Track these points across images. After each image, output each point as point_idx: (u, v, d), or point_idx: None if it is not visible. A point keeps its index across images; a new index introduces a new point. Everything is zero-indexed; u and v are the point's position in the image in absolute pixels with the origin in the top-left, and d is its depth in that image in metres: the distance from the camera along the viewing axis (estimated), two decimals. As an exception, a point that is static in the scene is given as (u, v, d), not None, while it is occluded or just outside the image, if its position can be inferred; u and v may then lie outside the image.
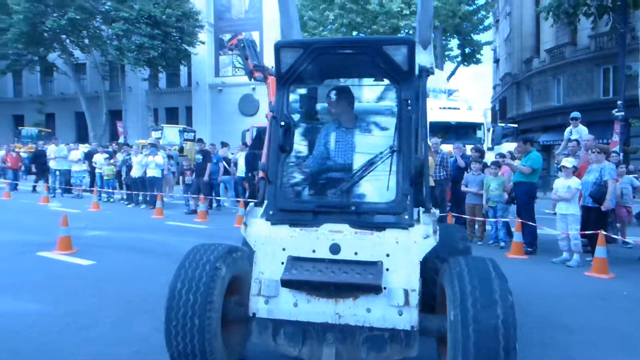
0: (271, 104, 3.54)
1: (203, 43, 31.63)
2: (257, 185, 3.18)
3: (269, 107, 3.13)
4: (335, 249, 2.90)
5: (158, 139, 21.55)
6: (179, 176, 15.12)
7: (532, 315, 4.59)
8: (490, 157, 10.72)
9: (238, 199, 12.85)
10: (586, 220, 6.93)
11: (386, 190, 3.06)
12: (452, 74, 27.64)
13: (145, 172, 12.86)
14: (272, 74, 10.26)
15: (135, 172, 13.05)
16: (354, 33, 25.56)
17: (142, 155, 13.24)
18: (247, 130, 18.46)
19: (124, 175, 14.08)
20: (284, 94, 3.26)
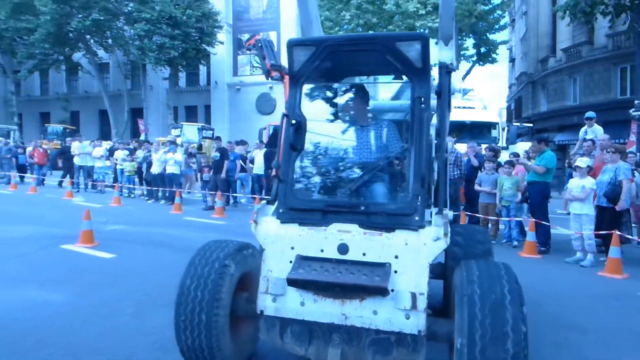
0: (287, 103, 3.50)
1: (222, 43, 31.87)
2: (271, 183, 3.23)
3: (286, 106, 3.14)
4: (343, 249, 2.85)
5: (177, 136, 21.96)
6: (197, 173, 15.38)
7: (545, 315, 4.57)
8: (505, 157, 10.65)
9: (254, 196, 13.05)
10: (600, 220, 6.87)
11: (397, 191, 3.03)
12: (468, 73, 27.26)
13: (165, 169, 13.11)
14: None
15: (155, 169, 13.30)
16: None
17: (162, 152, 13.48)
18: (264, 129, 18.58)
19: (144, 172, 14.33)
20: (296, 91, 3.20)
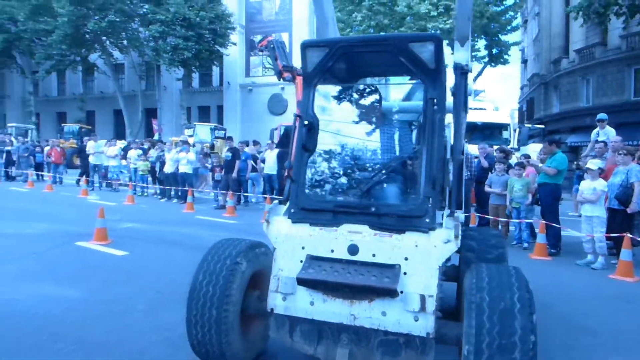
0: (299, 103, 3.52)
1: (234, 44, 32.17)
2: (284, 183, 3.27)
3: (297, 107, 3.16)
4: (353, 249, 2.85)
5: (190, 136, 22.18)
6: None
7: (556, 317, 4.56)
8: (516, 158, 10.59)
9: (265, 196, 13.16)
10: (612, 222, 6.82)
11: (408, 192, 3.04)
12: (479, 74, 26.91)
13: (177, 168, 13.26)
14: (301, 74, 10.37)
15: (168, 168, 13.47)
16: None
17: (175, 151, 13.65)
18: (276, 129, 18.74)
19: (157, 171, 14.52)
20: (309, 92, 3.22)
